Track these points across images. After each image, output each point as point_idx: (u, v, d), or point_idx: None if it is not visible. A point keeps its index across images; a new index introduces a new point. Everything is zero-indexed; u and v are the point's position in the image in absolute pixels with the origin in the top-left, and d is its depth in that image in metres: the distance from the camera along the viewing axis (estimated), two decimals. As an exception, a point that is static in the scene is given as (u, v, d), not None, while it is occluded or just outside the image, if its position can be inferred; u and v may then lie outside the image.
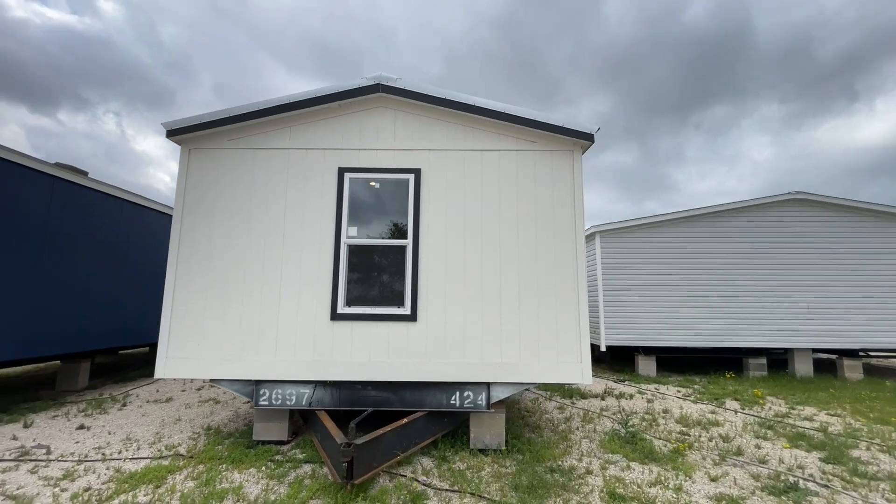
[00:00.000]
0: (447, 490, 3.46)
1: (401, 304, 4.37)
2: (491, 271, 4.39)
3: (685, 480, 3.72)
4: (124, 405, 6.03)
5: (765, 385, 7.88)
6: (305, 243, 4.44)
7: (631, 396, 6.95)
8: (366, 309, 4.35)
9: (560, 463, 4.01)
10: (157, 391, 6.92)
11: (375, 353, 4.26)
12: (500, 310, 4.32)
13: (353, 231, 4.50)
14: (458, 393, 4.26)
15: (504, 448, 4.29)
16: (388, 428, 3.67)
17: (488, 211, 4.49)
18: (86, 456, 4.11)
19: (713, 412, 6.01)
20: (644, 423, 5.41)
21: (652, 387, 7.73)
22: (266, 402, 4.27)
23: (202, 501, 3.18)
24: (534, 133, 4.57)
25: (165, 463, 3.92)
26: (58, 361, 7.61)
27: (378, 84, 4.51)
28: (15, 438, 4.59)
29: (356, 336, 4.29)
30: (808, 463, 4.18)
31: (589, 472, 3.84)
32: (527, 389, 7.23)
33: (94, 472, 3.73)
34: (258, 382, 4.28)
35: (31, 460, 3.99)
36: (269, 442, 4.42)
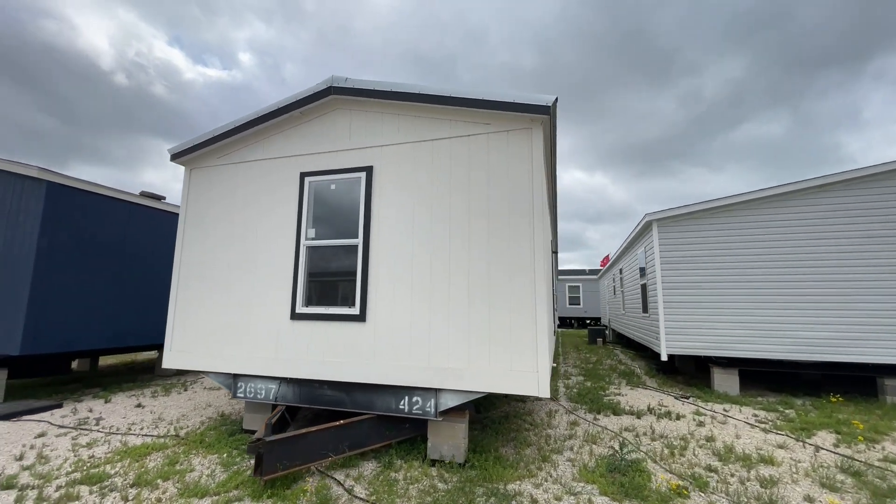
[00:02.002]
0: (361, 499, 3.29)
1: (352, 304, 4.32)
2: (440, 270, 4.06)
3: (652, 529, 2.91)
4: (185, 390, 7.15)
5: (904, 416, 5.76)
6: (273, 247, 4.70)
7: (678, 417, 5.73)
8: (321, 309, 4.42)
9: (509, 486, 3.50)
10: (219, 380, 8.03)
11: (329, 352, 4.29)
12: (448, 312, 3.97)
13: (313, 233, 4.61)
14: (406, 398, 4.04)
15: (461, 462, 3.92)
16: (313, 428, 3.65)
17: (438, 206, 4.18)
18: (116, 429, 4.98)
19: (781, 446, 4.60)
20: (666, 451, 4.40)
21: (720, 407, 6.26)
22: (242, 395, 4.63)
23: (150, 479, 3.58)
24: (487, 114, 4.11)
25: (161, 442, 4.52)
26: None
27: (330, 87, 4.57)
28: (91, 410, 5.79)
29: (313, 335, 4.38)
30: (877, 532, 2.91)
31: (534, 501, 3.27)
32: (534, 399, 6.47)
33: (107, 444, 4.49)
34: (235, 376, 4.66)
35: (80, 429, 4.98)
36: (254, 431, 4.78)
